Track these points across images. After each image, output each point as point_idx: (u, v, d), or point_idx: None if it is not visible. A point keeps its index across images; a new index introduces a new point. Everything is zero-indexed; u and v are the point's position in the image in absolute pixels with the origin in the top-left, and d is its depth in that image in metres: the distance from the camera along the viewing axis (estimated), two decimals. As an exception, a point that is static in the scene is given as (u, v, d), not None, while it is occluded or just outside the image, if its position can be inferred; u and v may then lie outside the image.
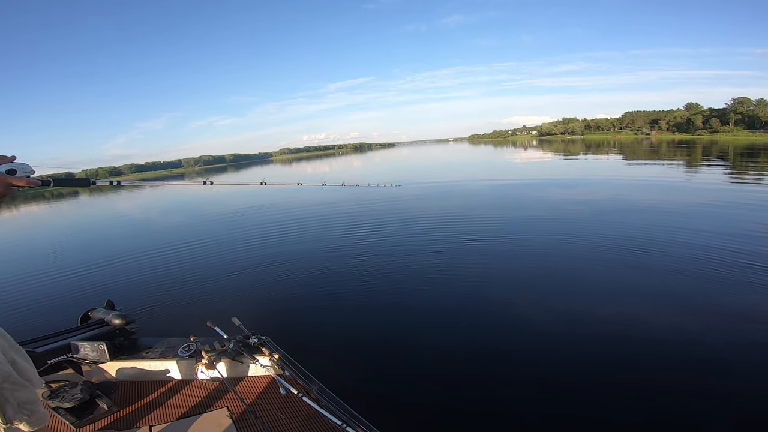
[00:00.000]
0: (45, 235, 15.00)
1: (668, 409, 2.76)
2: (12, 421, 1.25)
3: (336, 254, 7.37)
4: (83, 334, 2.42)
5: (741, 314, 3.99)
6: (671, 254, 5.93)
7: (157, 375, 2.37)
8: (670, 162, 24.22)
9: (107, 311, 2.60)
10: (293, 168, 61.75)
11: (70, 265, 8.55)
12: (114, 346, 2.36)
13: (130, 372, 2.37)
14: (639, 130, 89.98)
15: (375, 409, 2.00)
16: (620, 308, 4.38)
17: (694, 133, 69.64)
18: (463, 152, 62.60)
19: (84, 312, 2.65)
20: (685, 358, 3.33)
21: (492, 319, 4.33)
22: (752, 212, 8.43)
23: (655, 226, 7.56)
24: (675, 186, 13.75)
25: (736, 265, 5.22)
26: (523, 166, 27.59)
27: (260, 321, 3.11)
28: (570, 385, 3.10)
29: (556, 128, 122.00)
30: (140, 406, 2.15)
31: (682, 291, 4.70)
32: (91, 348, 2.28)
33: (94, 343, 2.28)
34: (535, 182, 16.90)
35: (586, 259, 6.09)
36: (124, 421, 2.04)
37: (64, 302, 5.92)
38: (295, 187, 5.02)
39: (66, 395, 2.03)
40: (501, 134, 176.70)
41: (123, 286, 6.64)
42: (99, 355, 2.28)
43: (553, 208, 10.52)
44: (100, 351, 2.27)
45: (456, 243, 7.49)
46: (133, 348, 2.49)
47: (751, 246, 5.97)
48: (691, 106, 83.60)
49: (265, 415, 1.98)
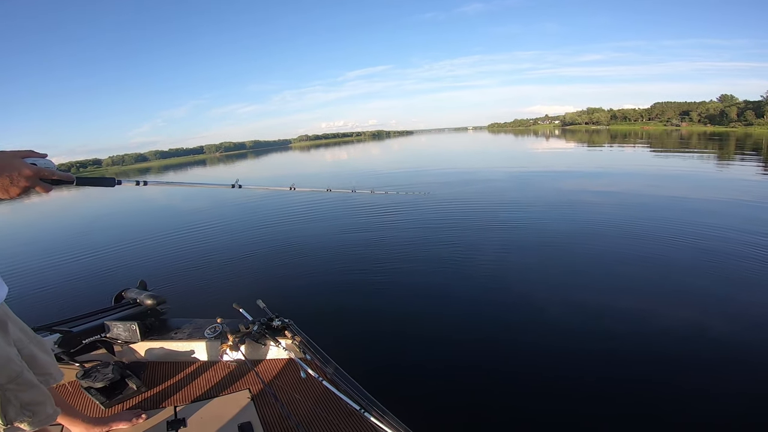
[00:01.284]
0: (80, 217, 15.48)
1: (694, 410, 2.69)
2: (13, 422, 1.24)
3: (361, 241, 7.35)
4: (117, 314, 2.47)
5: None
6: (699, 249, 5.72)
7: (183, 356, 2.41)
8: (700, 154, 23.28)
9: (140, 291, 2.64)
10: (311, 155, 62.04)
11: (107, 246, 8.84)
12: (145, 326, 2.40)
13: (159, 352, 2.42)
14: (669, 122, 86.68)
15: (393, 396, 1.98)
16: (644, 304, 4.24)
17: (728, 126, 66.58)
18: (483, 141, 61.54)
19: (118, 292, 2.70)
20: (710, 360, 3.22)
21: (513, 312, 4.28)
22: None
23: (681, 221, 7.27)
24: (704, 179, 13.18)
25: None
26: (544, 156, 26.95)
27: (284, 304, 3.15)
28: (590, 382, 3.04)
29: (580, 118, 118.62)
30: (167, 386, 2.19)
31: (708, 288, 4.53)
32: (124, 328, 2.33)
33: (127, 322, 2.33)
34: (557, 172, 16.51)
35: (609, 252, 5.92)
36: (150, 401, 2.07)
37: (101, 282, 6.11)
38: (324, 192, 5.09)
39: (98, 375, 2.07)
40: (522, 123, 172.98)
41: (155, 267, 6.81)
42: (131, 335, 2.33)
43: (576, 200, 10.26)
44: (132, 331, 2.32)
45: (478, 233, 7.41)
46: (163, 328, 2.53)
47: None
48: (725, 98, 79.91)
49: (284, 397, 2.00)
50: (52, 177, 1.02)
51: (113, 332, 2.34)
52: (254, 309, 2.60)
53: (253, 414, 1.92)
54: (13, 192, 0.97)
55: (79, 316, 2.42)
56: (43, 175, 1.00)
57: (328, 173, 25.04)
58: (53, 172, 1.03)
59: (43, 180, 1.01)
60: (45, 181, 1.01)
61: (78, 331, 2.22)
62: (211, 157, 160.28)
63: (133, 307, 2.56)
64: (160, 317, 2.62)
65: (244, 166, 51.82)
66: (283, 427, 1.83)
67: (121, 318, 2.42)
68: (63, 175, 1.04)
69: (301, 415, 1.90)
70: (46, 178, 1.02)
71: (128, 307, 2.55)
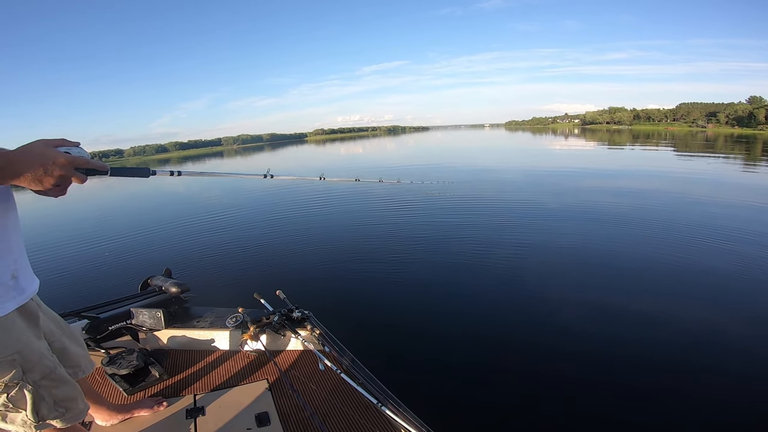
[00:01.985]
0: (111, 205, 15.75)
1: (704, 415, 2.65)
2: (45, 419, 1.21)
3: (383, 234, 7.34)
4: (142, 300, 2.52)
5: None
6: (721, 253, 5.58)
7: (205, 344, 2.45)
8: (726, 156, 22.53)
9: (165, 279, 2.68)
10: (327, 148, 62.22)
11: (135, 234, 9.06)
12: (169, 313, 2.44)
13: (181, 340, 2.46)
14: (694, 123, 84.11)
15: (410, 391, 1.96)
16: (662, 307, 4.16)
17: (756, 128, 64.22)
18: (501, 138, 60.73)
19: (144, 279, 2.74)
20: (726, 366, 3.15)
21: (533, 311, 4.23)
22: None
23: (701, 225, 7.08)
24: (727, 182, 12.76)
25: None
26: (564, 155, 26.47)
27: (304, 295, 3.19)
28: (607, 384, 3.01)
29: (601, 117, 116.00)
30: (187, 375, 2.22)
31: (728, 294, 4.43)
32: (149, 315, 2.37)
33: (152, 310, 2.38)
34: (577, 172, 16.21)
35: (626, 254, 5.80)
36: (171, 389, 2.11)
37: (129, 269, 6.22)
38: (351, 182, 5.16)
39: (123, 362, 2.11)
40: (540, 121, 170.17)
41: (181, 255, 6.92)
42: (155, 322, 2.38)
43: (596, 200, 10.06)
44: (157, 318, 2.37)
45: (500, 230, 7.35)
46: (186, 317, 2.57)
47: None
48: (755, 100, 77.12)
49: (302, 389, 2.01)
50: (87, 166, 0.98)
51: (139, 319, 2.39)
52: (274, 299, 2.62)
53: (270, 404, 1.94)
54: (47, 182, 0.93)
55: (107, 302, 2.47)
56: (77, 165, 0.96)
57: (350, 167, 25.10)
58: (88, 162, 0.98)
59: (78, 169, 0.96)
60: (79, 170, 0.97)
61: (105, 317, 2.27)
62: (228, 149, 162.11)
63: (158, 294, 2.60)
64: (183, 305, 2.66)
65: (261, 158, 52.32)
66: (299, 417, 1.85)
67: (147, 305, 2.46)
68: (97, 164, 1.00)
69: (318, 406, 1.92)
70: (81, 168, 0.97)
71: (153, 295, 2.59)
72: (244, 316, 2.41)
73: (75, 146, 1.00)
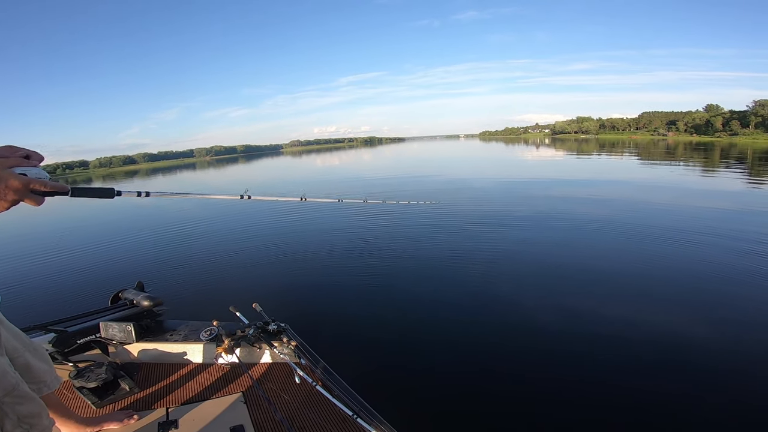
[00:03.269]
0: (79, 217, 15.02)
1: (689, 414, 2.74)
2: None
3: (356, 249, 7.30)
4: (112, 314, 2.45)
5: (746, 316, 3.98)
6: (687, 256, 5.89)
7: (178, 357, 2.39)
8: (686, 164, 23.78)
9: (137, 292, 2.62)
10: (303, 160, 61.94)
11: (105, 246, 8.78)
12: (141, 327, 2.38)
13: (153, 353, 2.39)
14: (656, 131, 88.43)
15: (386, 402, 1.97)
16: (629, 309, 4.34)
17: (713, 136, 68.16)
18: (474, 149, 62.09)
19: (115, 292, 2.67)
20: (692, 365, 3.29)
21: (503, 318, 4.31)
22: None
23: (669, 229, 7.45)
24: (688, 188, 13.54)
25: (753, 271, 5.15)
26: (537, 164, 27.30)
27: (280, 308, 3.13)
28: (579, 385, 3.09)
29: (569, 127, 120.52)
30: (160, 387, 2.17)
31: (696, 293, 4.66)
32: (119, 329, 2.30)
33: (122, 323, 2.31)
34: (550, 181, 16.73)
35: (596, 260, 6.04)
36: (143, 402, 2.06)
37: (98, 282, 6.01)
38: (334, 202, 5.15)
39: (91, 375, 2.06)
40: (513, 131, 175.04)
41: (154, 268, 6.76)
42: (126, 336, 2.31)
43: (567, 207, 10.41)
44: (127, 332, 2.30)
45: (469, 242, 7.45)
46: (158, 330, 2.51)
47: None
48: (711, 108, 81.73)
49: (278, 402, 1.99)
50: (45, 189, 0.93)
51: (108, 333, 2.31)
52: (251, 312, 2.59)
53: (246, 417, 1.91)
54: (0, 206, 0.88)
55: (75, 316, 2.40)
56: (34, 188, 0.91)
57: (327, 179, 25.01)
58: (45, 184, 0.93)
59: (34, 192, 0.92)
60: (36, 192, 0.92)
61: (73, 331, 2.20)
62: (201, 161, 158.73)
63: (129, 308, 2.53)
64: (156, 318, 2.60)
65: (236, 170, 51.51)
66: (275, 430, 1.83)
67: (117, 319, 2.39)
68: (56, 186, 0.95)
69: (294, 419, 1.90)
70: (38, 190, 0.92)
71: (124, 308, 2.52)
72: (219, 329, 2.38)
73: (33, 166, 0.96)
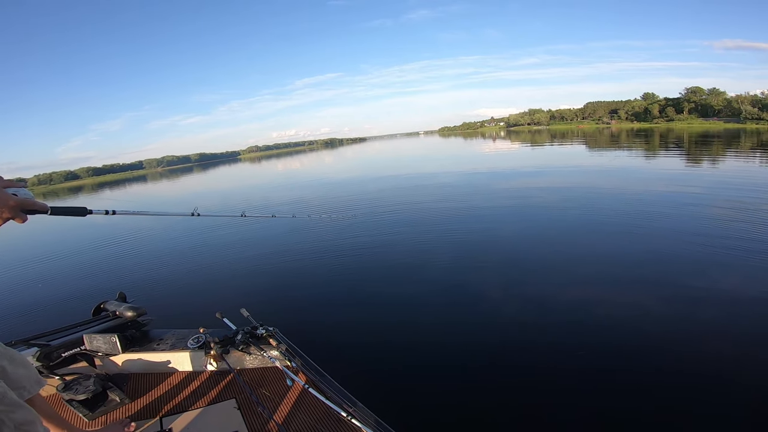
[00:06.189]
0: (53, 229, 14.17)
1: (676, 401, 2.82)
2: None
3: (341, 251, 7.24)
4: (96, 326, 2.37)
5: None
6: (643, 238, 6.36)
7: (167, 366, 2.35)
8: (629, 149, 25.38)
9: (119, 303, 2.56)
10: (262, 166, 60.55)
11: (84, 258, 8.44)
12: (126, 338, 2.32)
13: (142, 364, 2.35)
14: (600, 120, 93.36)
15: (380, 402, 2.02)
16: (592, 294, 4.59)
17: (652, 122, 72.84)
18: (435, 145, 63.11)
19: (97, 304, 2.60)
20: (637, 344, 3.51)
21: (481, 311, 4.44)
22: (709, 193, 9.19)
23: (623, 211, 8.04)
24: (634, 172, 14.52)
25: (699, 244, 5.70)
26: (494, 157, 28.21)
27: (268, 312, 3.09)
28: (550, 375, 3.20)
29: (522, 119, 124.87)
30: (151, 397, 2.14)
31: (656, 275, 4.96)
32: (104, 340, 2.25)
33: (107, 335, 2.25)
34: (508, 172, 17.40)
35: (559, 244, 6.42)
36: (135, 412, 2.03)
37: (78, 295, 5.82)
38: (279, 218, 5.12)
39: (79, 388, 2.02)
40: (470, 126, 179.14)
41: (135, 278, 6.54)
42: (111, 347, 2.25)
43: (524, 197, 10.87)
44: (112, 343, 2.24)
45: (442, 236, 7.63)
46: (145, 340, 2.46)
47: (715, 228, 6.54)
48: (648, 96, 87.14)
49: (271, 406, 1.99)
50: (32, 208, 1.02)
51: (93, 345, 2.25)
52: (238, 318, 2.57)
53: (241, 423, 1.91)
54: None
55: (58, 329, 2.32)
56: (25, 207, 1.00)
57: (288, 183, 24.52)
58: (34, 203, 1.03)
59: (23, 210, 1.01)
60: (24, 211, 1.01)
61: (56, 345, 2.13)
62: (152, 173, 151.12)
63: (112, 319, 2.47)
64: (141, 329, 2.54)
65: (190, 179, 49.55)
66: None
67: (101, 330, 2.33)
68: (39, 205, 1.04)
69: (288, 422, 1.91)
70: (26, 209, 1.01)
71: (107, 320, 2.46)
72: (206, 336, 2.35)
73: (21, 187, 1.04)
